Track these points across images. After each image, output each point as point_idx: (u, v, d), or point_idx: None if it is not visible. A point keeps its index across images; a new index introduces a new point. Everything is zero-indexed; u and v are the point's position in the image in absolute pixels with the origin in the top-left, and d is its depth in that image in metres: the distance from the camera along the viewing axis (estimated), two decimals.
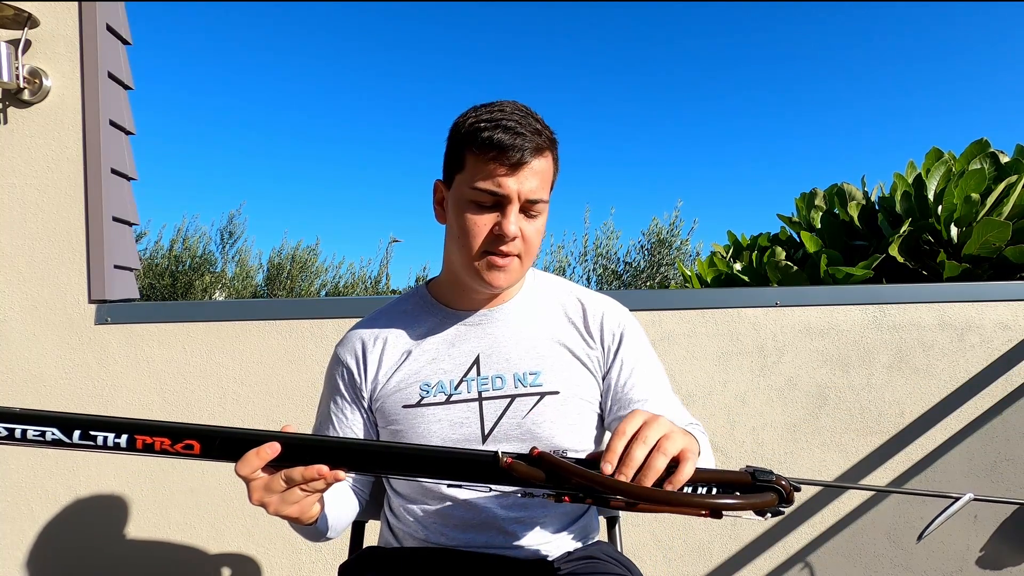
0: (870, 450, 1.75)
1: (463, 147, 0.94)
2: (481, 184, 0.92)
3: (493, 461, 0.72)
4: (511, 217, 0.92)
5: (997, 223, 3.02)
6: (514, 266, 0.96)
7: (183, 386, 1.80)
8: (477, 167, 0.93)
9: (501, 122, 0.91)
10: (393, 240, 10.64)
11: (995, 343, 1.75)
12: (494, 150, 0.90)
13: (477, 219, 0.93)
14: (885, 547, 1.76)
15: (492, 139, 0.90)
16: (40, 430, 0.75)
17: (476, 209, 0.94)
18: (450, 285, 1.05)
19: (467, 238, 0.94)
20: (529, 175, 0.92)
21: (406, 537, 1.03)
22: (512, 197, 0.92)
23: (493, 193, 0.92)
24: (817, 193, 4.33)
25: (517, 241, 0.94)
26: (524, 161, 0.91)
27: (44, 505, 1.80)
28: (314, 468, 0.74)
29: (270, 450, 0.74)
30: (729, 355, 1.77)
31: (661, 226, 9.37)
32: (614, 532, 1.19)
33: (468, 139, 0.93)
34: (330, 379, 1.07)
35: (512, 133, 0.90)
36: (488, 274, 0.95)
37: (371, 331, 1.06)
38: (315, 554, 1.78)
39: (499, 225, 0.92)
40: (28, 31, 1.77)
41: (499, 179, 0.91)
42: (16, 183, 1.82)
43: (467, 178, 0.94)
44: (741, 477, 0.73)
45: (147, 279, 8.93)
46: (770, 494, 0.71)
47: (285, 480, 0.75)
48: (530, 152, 0.91)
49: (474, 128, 0.93)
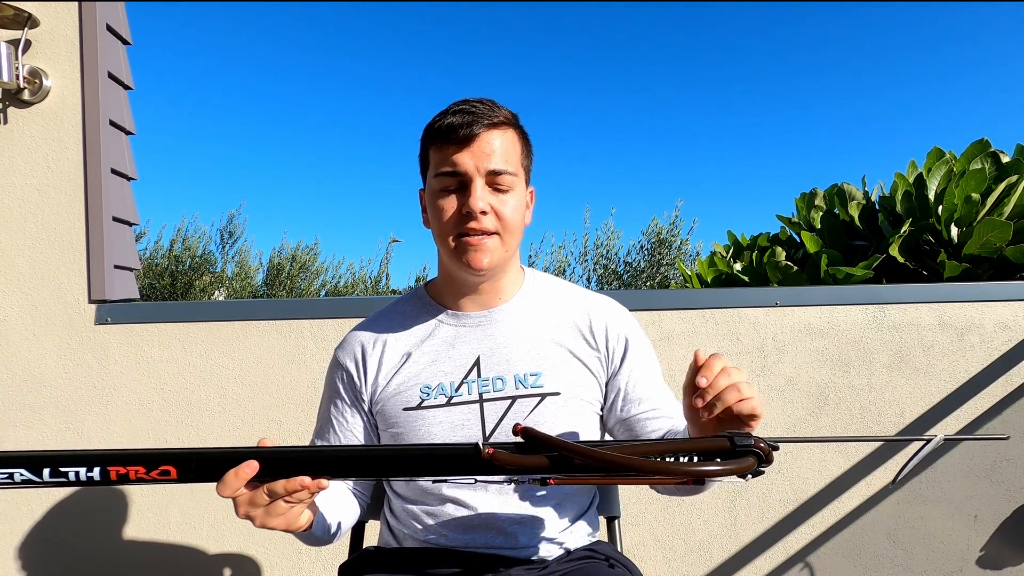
0: (870, 450, 1.75)
1: (427, 145, 0.99)
2: (438, 166, 0.96)
3: (475, 453, 0.73)
4: (476, 193, 0.94)
5: (998, 223, 3.02)
6: (492, 244, 0.96)
7: (183, 386, 1.80)
8: (436, 155, 0.96)
9: (453, 109, 0.95)
10: (393, 240, 10.64)
11: (995, 343, 1.75)
12: (446, 132, 0.94)
13: (444, 203, 0.96)
14: (885, 547, 1.76)
15: (444, 124, 0.94)
16: (8, 472, 0.72)
17: (443, 195, 0.96)
18: (446, 286, 1.05)
19: (440, 225, 0.97)
20: (485, 148, 0.94)
21: (406, 538, 1.03)
22: (470, 172, 0.94)
23: (451, 173, 0.94)
24: (817, 193, 4.33)
25: (490, 217, 0.95)
26: (475, 134, 0.93)
27: (44, 505, 1.80)
28: (296, 480, 0.73)
29: (248, 469, 0.73)
30: (729, 355, 1.76)
31: (661, 226, 9.37)
32: (614, 532, 1.19)
33: (428, 135, 0.98)
34: (330, 382, 1.07)
35: (462, 114, 0.94)
36: (466, 256, 0.95)
37: (370, 334, 1.05)
38: (315, 554, 1.78)
39: (465, 203, 0.94)
40: (28, 31, 1.77)
41: (453, 157, 0.94)
42: (16, 183, 1.82)
43: (432, 170, 0.98)
44: (720, 443, 0.74)
45: (147, 279, 8.93)
46: (749, 457, 0.73)
47: (268, 494, 0.74)
48: (482, 126, 0.94)
49: (432, 123, 0.97)
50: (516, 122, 1.00)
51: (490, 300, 1.04)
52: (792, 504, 1.76)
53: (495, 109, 0.96)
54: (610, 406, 1.03)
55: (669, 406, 1.03)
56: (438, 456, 0.75)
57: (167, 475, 0.74)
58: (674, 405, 1.03)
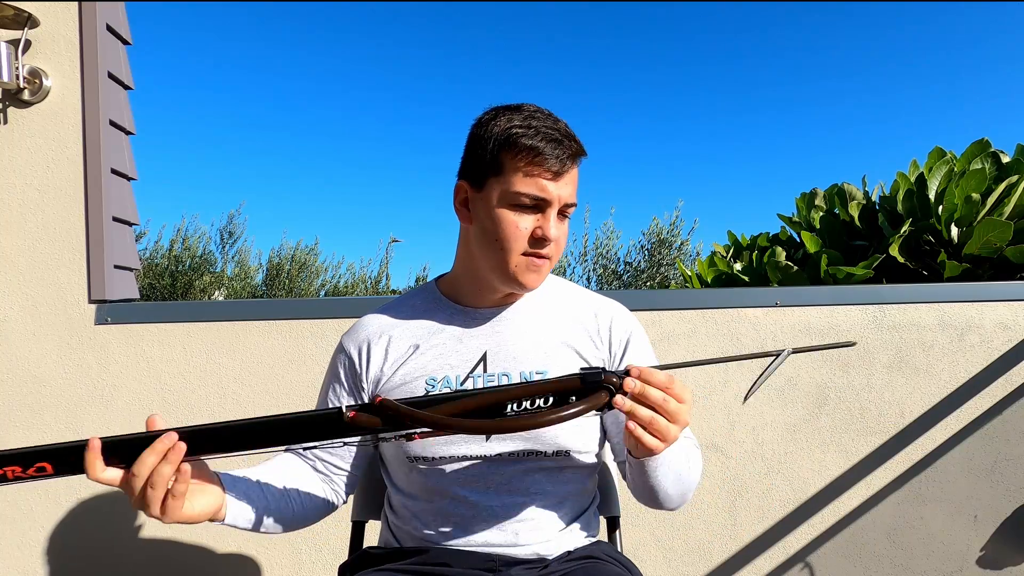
0: (870, 450, 1.75)
1: (500, 151, 0.95)
2: (524, 188, 0.94)
3: (338, 416, 0.76)
4: (552, 220, 0.96)
5: (998, 223, 3.02)
6: (546, 268, 0.99)
7: (183, 386, 1.80)
8: (518, 171, 0.94)
9: (541, 129, 0.94)
10: (393, 240, 10.65)
11: (995, 343, 1.75)
12: (539, 156, 0.93)
13: (519, 220, 0.95)
14: (885, 547, 1.76)
15: (536, 147, 0.93)
16: None
17: (517, 211, 0.95)
18: (464, 283, 1.05)
19: (507, 240, 0.96)
20: (568, 181, 0.96)
21: (406, 536, 1.04)
22: (554, 201, 0.95)
23: (536, 197, 0.94)
24: (817, 193, 4.33)
25: (553, 244, 0.97)
26: (566, 169, 0.95)
27: (44, 505, 1.80)
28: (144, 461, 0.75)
29: (92, 456, 0.74)
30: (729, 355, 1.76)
31: (661, 226, 9.38)
32: (614, 532, 1.19)
33: (506, 143, 0.94)
34: (332, 366, 1.09)
35: (554, 141, 0.94)
36: (525, 276, 0.97)
37: (378, 323, 1.07)
38: (315, 554, 1.78)
39: (540, 228, 0.95)
40: (28, 31, 1.77)
41: (543, 183, 0.94)
42: (16, 183, 1.82)
43: (507, 181, 0.95)
44: (571, 382, 0.77)
45: (147, 279, 8.94)
46: (602, 393, 0.77)
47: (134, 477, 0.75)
48: (569, 159, 0.95)
49: (513, 134, 0.94)
50: (584, 153, 1.01)
51: (502, 300, 1.05)
52: (792, 504, 1.76)
53: (575, 140, 0.97)
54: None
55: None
56: (306, 423, 0.78)
57: (43, 471, 0.76)
58: None
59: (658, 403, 0.78)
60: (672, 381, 0.80)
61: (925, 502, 1.75)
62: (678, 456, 0.91)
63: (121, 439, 0.76)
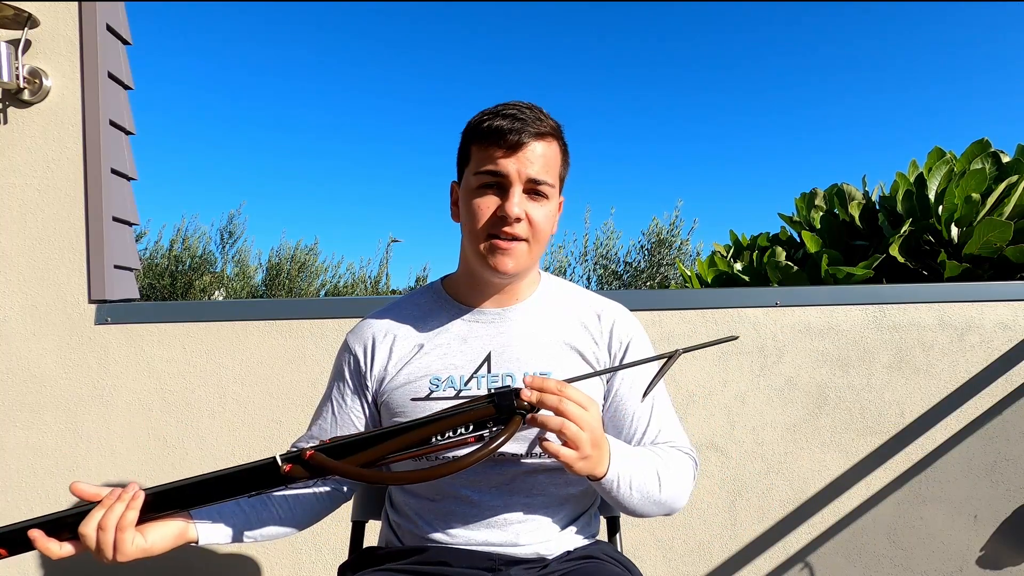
0: (870, 450, 1.75)
1: (469, 141, 0.99)
2: (481, 166, 0.96)
3: (273, 468, 0.80)
4: (514, 198, 0.95)
5: (998, 223, 3.02)
6: (520, 250, 0.97)
7: (183, 386, 1.80)
8: (479, 154, 0.97)
9: (501, 112, 0.96)
10: (393, 240, 10.65)
11: (995, 343, 1.75)
12: (494, 135, 0.95)
13: (480, 201, 0.97)
14: (885, 547, 1.76)
15: (492, 125, 0.95)
16: None
17: (480, 193, 0.97)
18: (465, 282, 1.06)
19: (473, 222, 0.97)
20: (530, 156, 0.95)
21: (407, 535, 1.04)
22: (512, 177, 0.95)
23: (493, 173, 0.95)
24: (817, 193, 4.33)
25: (523, 224, 0.96)
26: (523, 142, 0.95)
27: (44, 505, 1.80)
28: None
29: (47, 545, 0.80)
30: (729, 355, 1.76)
31: (661, 226, 9.38)
32: (614, 532, 1.19)
33: (472, 132, 0.98)
34: (337, 364, 1.09)
35: (511, 119, 0.95)
36: (493, 258, 0.96)
37: (383, 323, 1.07)
38: (315, 554, 1.78)
39: (502, 206, 0.95)
40: (28, 31, 1.77)
41: (498, 160, 0.95)
42: (16, 183, 1.82)
43: (472, 167, 0.98)
44: (486, 411, 0.80)
45: (147, 279, 8.94)
46: (516, 417, 0.79)
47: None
48: (529, 135, 0.95)
49: (478, 121, 0.98)
50: (560, 133, 1.01)
51: (507, 300, 1.05)
52: (792, 504, 1.76)
53: (542, 118, 0.97)
54: (604, 409, 1.05)
55: (659, 423, 1.03)
56: (242, 477, 0.81)
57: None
58: (672, 431, 1.04)
59: (556, 406, 0.80)
60: (564, 385, 0.82)
61: (925, 502, 1.75)
62: (641, 475, 0.91)
63: (58, 517, 0.82)
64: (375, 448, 0.80)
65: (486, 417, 0.79)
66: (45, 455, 1.80)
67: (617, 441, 0.91)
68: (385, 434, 0.80)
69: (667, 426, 1.03)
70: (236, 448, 1.79)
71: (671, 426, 1.03)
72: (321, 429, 1.07)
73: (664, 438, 1.02)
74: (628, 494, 0.90)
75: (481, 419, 0.79)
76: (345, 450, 0.81)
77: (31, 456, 1.80)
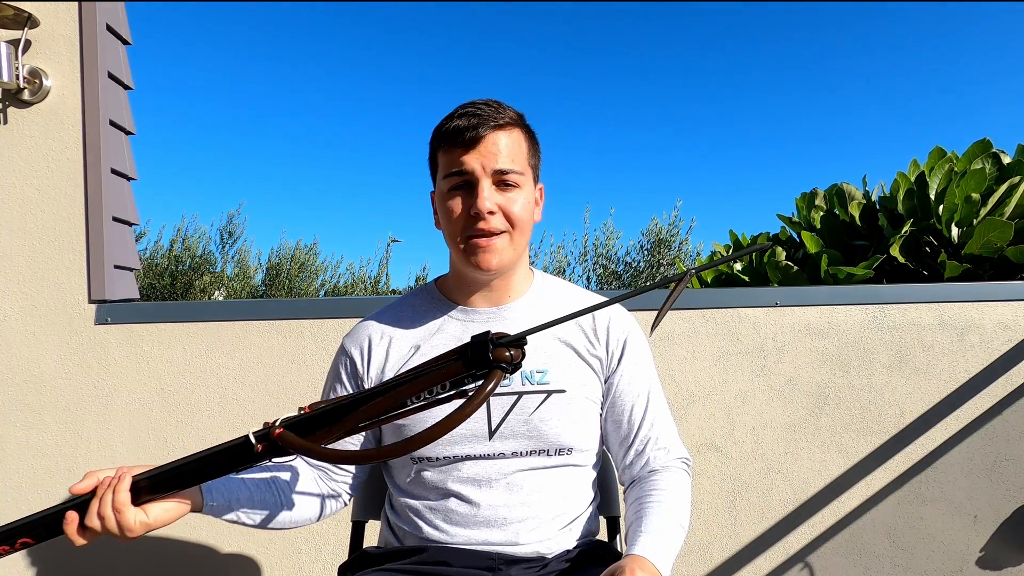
0: (870, 450, 1.75)
1: (435, 148, 1.01)
2: (445, 168, 0.97)
3: (246, 446, 0.79)
4: (483, 193, 0.95)
5: (999, 223, 3.01)
6: (501, 244, 0.97)
7: (183, 386, 1.80)
8: (444, 158, 0.98)
9: (459, 112, 0.97)
10: (392, 240, 10.64)
11: (995, 343, 1.74)
12: (453, 135, 0.95)
13: (452, 204, 0.97)
14: (885, 547, 1.76)
15: (451, 127, 0.96)
16: None
17: (451, 196, 0.98)
18: (457, 283, 1.07)
19: (449, 225, 0.99)
20: (491, 148, 0.95)
21: (406, 535, 1.04)
22: (477, 173, 0.95)
23: (458, 173, 0.96)
24: (817, 193, 4.32)
25: (498, 217, 0.96)
26: (480, 136, 0.95)
27: (44, 505, 1.80)
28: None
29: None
30: (729, 355, 1.76)
31: (661, 226, 9.37)
32: (614, 532, 1.19)
33: (436, 138, 1.00)
34: (333, 368, 1.10)
35: (467, 116, 0.95)
36: (475, 257, 0.97)
37: (379, 325, 1.07)
38: (315, 554, 1.78)
39: (472, 204, 0.95)
40: (28, 31, 1.77)
41: (460, 159, 0.95)
42: (16, 183, 1.82)
43: (440, 172, 0.99)
44: (456, 367, 0.74)
45: (147, 279, 8.93)
46: (495, 371, 0.72)
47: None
48: (487, 128, 0.95)
49: (440, 126, 0.99)
50: (522, 121, 1.01)
51: (500, 297, 1.05)
52: (792, 504, 1.76)
53: (500, 110, 0.97)
54: (605, 409, 1.06)
55: (654, 415, 1.05)
56: (217, 458, 0.81)
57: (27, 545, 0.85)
58: (667, 431, 1.05)
59: None
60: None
61: (925, 502, 1.75)
62: (676, 546, 0.93)
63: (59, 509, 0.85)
64: (347, 419, 0.76)
65: (461, 374, 0.74)
66: (45, 455, 1.80)
67: (653, 546, 0.89)
68: (354, 403, 0.77)
69: (660, 422, 1.05)
70: None
71: (665, 423, 1.06)
72: None
73: (657, 433, 1.04)
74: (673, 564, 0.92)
75: (457, 376, 0.74)
76: (315, 423, 0.77)
77: (31, 456, 1.80)
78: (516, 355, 0.74)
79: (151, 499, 0.84)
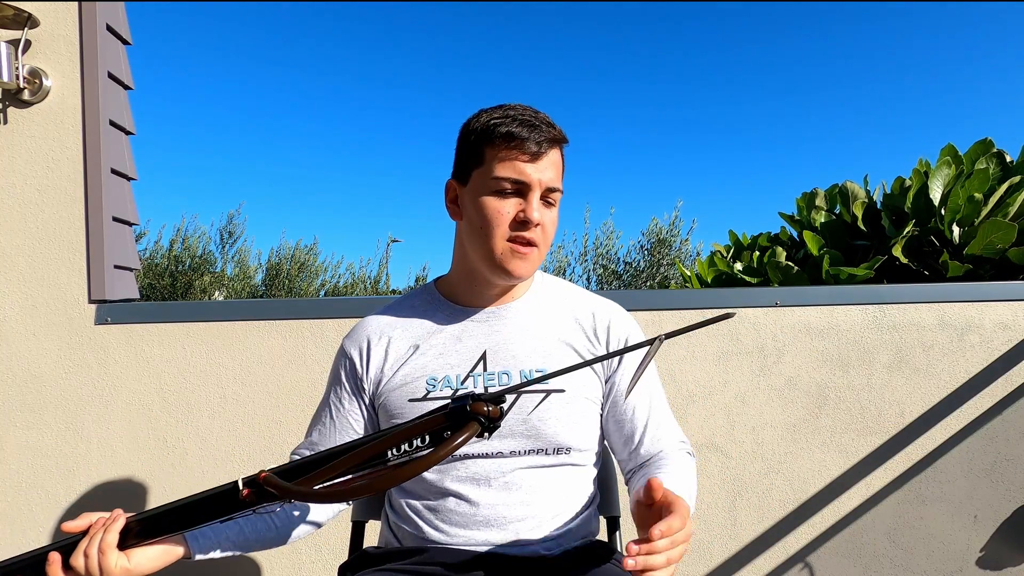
0: (870, 450, 1.75)
1: (480, 143, 0.98)
2: (504, 173, 0.96)
3: (233, 492, 0.80)
4: (534, 203, 0.96)
5: (1002, 224, 3.01)
6: (534, 256, 0.99)
7: (183, 386, 1.80)
8: (497, 158, 0.96)
9: (516, 117, 0.96)
10: (392, 240, 10.64)
11: (995, 343, 1.74)
12: (514, 140, 0.95)
13: (500, 205, 0.96)
14: (885, 547, 1.75)
15: (511, 132, 0.95)
16: None
17: (498, 196, 0.97)
18: (461, 282, 1.06)
19: (490, 226, 0.97)
20: (547, 164, 0.97)
21: (406, 535, 1.04)
22: (533, 184, 0.96)
23: (515, 181, 0.96)
24: (818, 193, 4.32)
25: (538, 230, 0.98)
26: (542, 151, 0.96)
27: (44, 505, 1.80)
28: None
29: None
30: (729, 355, 1.76)
31: (661, 226, 9.37)
32: (614, 532, 1.19)
33: (485, 135, 0.97)
34: (333, 369, 1.10)
35: (529, 126, 0.95)
36: (511, 263, 0.97)
37: (378, 325, 1.07)
38: (315, 554, 1.78)
39: (523, 211, 0.96)
40: (28, 31, 1.77)
41: (520, 167, 0.95)
42: (16, 183, 1.82)
43: (487, 170, 0.97)
44: (437, 421, 0.76)
45: (147, 279, 8.94)
46: (471, 423, 0.73)
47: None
48: (547, 143, 0.96)
49: (490, 124, 0.97)
50: (565, 139, 1.02)
51: (500, 299, 1.05)
52: (792, 504, 1.76)
53: (553, 125, 0.98)
54: (607, 409, 1.06)
55: (656, 415, 1.05)
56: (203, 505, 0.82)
57: None
58: (669, 427, 1.05)
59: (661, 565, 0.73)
60: (668, 534, 0.73)
61: (925, 502, 1.75)
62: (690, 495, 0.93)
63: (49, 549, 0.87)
64: (331, 466, 0.78)
65: (440, 427, 0.76)
66: (45, 455, 1.80)
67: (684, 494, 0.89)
68: (338, 452, 0.80)
69: (662, 421, 1.05)
70: (236, 448, 1.79)
71: (667, 422, 1.06)
72: (320, 434, 1.08)
73: (661, 434, 1.03)
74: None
75: (436, 429, 0.76)
76: (300, 471, 0.80)
77: (31, 456, 1.80)
78: (494, 412, 0.74)
79: (138, 543, 0.86)
